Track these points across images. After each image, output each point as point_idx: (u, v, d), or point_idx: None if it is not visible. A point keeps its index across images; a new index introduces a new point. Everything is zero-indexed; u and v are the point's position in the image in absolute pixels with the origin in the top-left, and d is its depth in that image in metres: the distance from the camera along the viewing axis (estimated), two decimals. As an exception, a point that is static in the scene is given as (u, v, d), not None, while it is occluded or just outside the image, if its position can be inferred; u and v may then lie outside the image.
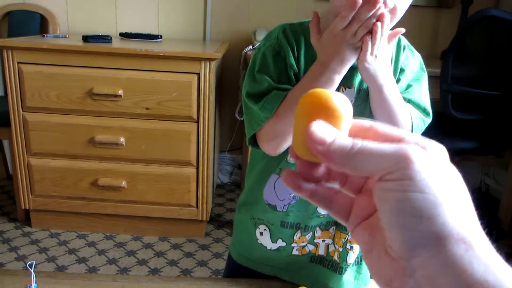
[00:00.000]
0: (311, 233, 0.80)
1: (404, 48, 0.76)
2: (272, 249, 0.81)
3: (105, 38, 1.77)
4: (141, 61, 1.65)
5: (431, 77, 1.74)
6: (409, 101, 0.73)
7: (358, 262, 0.83)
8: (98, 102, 1.68)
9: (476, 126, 1.82)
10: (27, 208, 1.82)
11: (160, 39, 2.00)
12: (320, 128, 0.26)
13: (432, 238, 0.23)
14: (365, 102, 0.73)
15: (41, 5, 2.11)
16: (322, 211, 0.77)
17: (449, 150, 0.27)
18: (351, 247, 0.80)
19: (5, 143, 2.24)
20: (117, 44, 1.78)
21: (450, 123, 1.82)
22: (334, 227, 0.80)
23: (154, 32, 2.14)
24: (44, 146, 1.73)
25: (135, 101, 1.68)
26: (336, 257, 0.80)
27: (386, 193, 0.25)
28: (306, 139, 0.27)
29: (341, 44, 0.62)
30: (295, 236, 0.79)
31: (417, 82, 0.75)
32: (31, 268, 0.78)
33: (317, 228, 0.79)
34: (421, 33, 2.31)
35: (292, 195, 0.77)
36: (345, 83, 0.70)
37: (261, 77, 0.70)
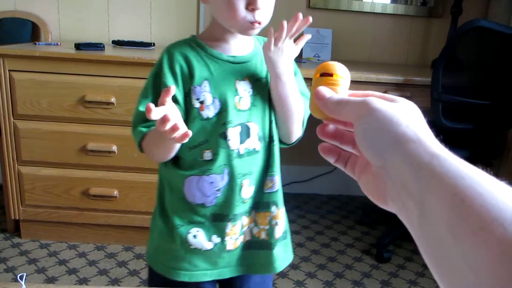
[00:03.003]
0: (239, 223, 0.85)
1: None
2: (208, 248, 0.83)
3: (98, 46, 1.76)
4: (134, 69, 1.64)
5: (421, 86, 1.78)
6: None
7: (284, 237, 0.91)
8: (91, 110, 1.66)
9: (466, 135, 1.84)
10: (17, 218, 1.79)
11: (153, 47, 2.00)
12: (322, 90, 0.41)
13: (391, 143, 0.34)
14: (262, 92, 0.83)
15: (32, 12, 2.10)
16: (245, 195, 0.83)
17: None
18: (276, 223, 0.87)
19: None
20: (110, 52, 1.77)
21: (441, 132, 1.84)
22: (253, 211, 0.87)
23: (146, 40, 2.14)
24: (35, 154, 1.70)
25: (128, 109, 1.67)
26: (264, 236, 0.88)
27: (357, 129, 0.36)
28: (314, 100, 0.41)
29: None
30: (226, 228, 0.83)
31: (296, 77, 0.87)
32: (22, 280, 0.76)
33: (243, 216, 0.85)
34: (412, 42, 2.34)
35: (216, 189, 0.81)
36: (239, 77, 0.81)
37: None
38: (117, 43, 2.01)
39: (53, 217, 1.78)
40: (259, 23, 0.76)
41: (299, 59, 2.12)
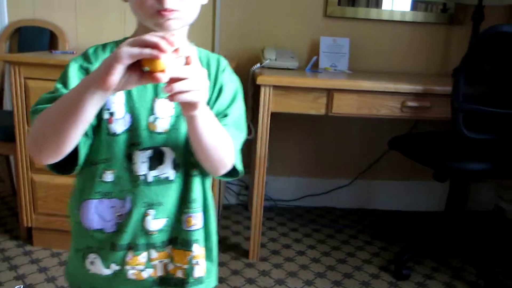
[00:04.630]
0: (145, 254, 0.76)
1: (224, 69, 0.82)
2: (107, 274, 0.76)
3: (113, 55, 1.76)
4: (147, 77, 1.63)
5: (442, 96, 1.71)
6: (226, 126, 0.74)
7: (208, 277, 0.83)
8: (104, 118, 1.66)
9: (489, 146, 1.76)
10: (30, 226, 1.79)
11: (168, 56, 1.99)
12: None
13: None
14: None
15: (51, 21, 2.13)
16: (150, 227, 0.74)
17: (460, 171, 0.23)
18: (197, 262, 0.79)
19: (12, 159, 2.22)
20: (125, 60, 1.77)
21: (462, 143, 1.77)
22: (170, 247, 0.78)
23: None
24: (48, 162, 1.70)
25: (141, 118, 1.66)
26: (180, 274, 0.79)
27: None
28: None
29: None
30: (126, 257, 0.75)
31: (232, 105, 0.77)
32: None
33: (152, 250, 0.76)
34: (432, 50, 2.28)
35: (118, 214, 0.73)
36: (163, 94, 0.71)
37: None
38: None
39: (65, 226, 1.77)
40: (169, 11, 0.66)
41: (315, 69, 2.08)
